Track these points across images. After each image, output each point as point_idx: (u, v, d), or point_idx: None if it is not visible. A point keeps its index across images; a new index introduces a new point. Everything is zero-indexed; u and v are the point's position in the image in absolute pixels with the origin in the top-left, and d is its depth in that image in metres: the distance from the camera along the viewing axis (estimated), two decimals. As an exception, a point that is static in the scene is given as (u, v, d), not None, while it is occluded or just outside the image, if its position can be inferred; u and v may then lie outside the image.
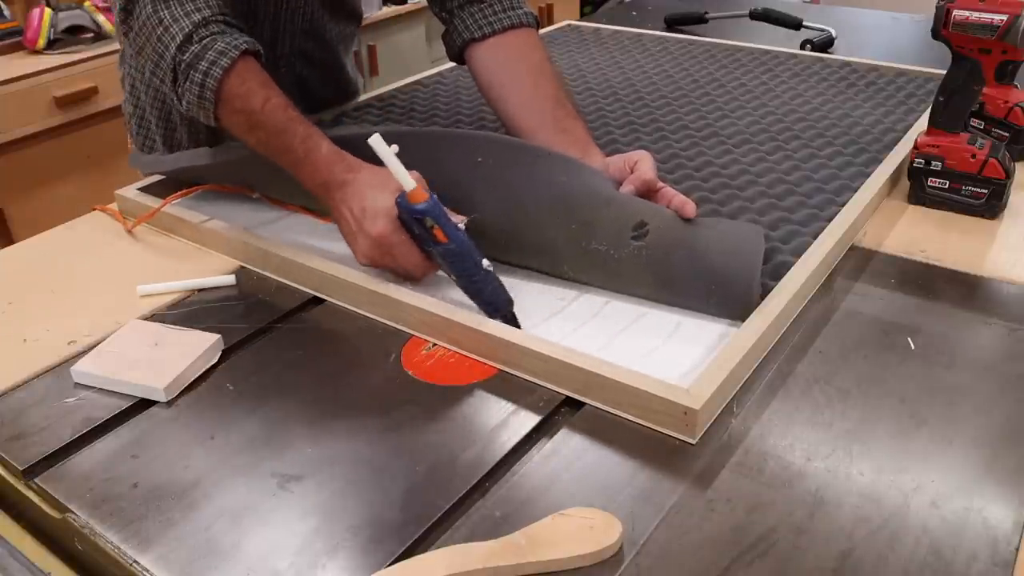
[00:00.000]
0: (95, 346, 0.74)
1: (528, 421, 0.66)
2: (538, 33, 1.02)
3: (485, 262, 0.74)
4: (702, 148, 1.06)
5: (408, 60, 2.79)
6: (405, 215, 0.75)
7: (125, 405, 0.69)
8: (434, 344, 0.75)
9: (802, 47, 1.50)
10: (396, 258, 0.78)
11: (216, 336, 0.74)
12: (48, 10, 2.19)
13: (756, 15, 1.65)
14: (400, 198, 0.75)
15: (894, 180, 0.98)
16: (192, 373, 0.71)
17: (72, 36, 2.22)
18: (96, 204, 1.02)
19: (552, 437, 0.64)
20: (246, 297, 0.84)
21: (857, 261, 0.86)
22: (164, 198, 0.95)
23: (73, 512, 0.59)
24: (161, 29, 0.83)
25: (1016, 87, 1.01)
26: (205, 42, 0.82)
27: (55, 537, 0.63)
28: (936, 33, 0.90)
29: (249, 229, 0.90)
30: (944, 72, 0.92)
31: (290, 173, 0.83)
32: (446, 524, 0.57)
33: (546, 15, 3.24)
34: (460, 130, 1.12)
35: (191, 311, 0.81)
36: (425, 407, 0.68)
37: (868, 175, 0.96)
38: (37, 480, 0.62)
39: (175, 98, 0.85)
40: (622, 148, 1.03)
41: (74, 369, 0.72)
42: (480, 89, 1.02)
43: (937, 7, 0.89)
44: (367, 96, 1.29)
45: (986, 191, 0.91)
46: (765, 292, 0.75)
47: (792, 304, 0.75)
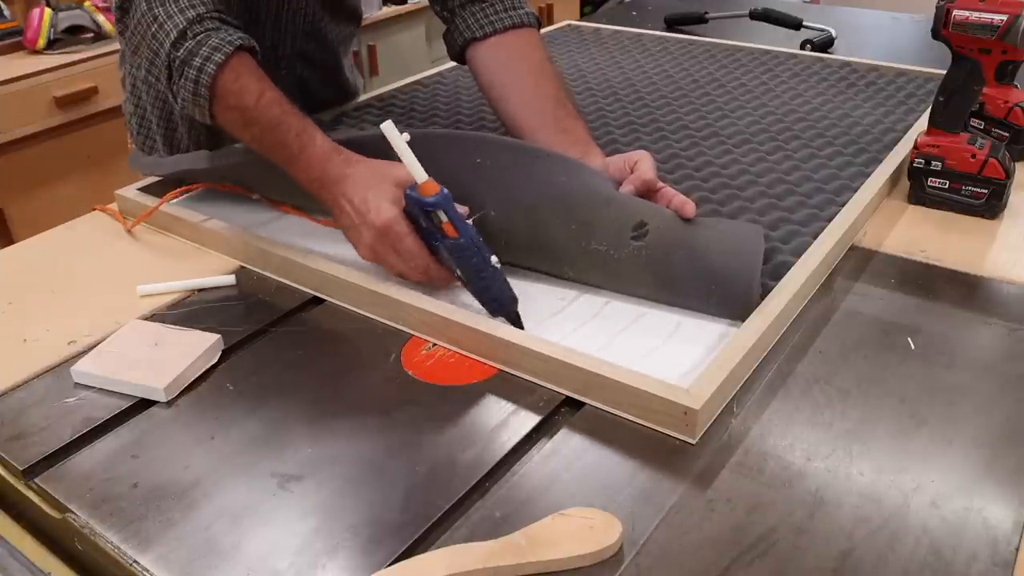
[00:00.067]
0: (95, 346, 0.74)
1: (528, 421, 0.66)
2: (539, 33, 1.02)
3: (493, 258, 0.73)
4: (702, 148, 1.06)
5: (408, 60, 2.79)
6: (414, 208, 0.74)
7: (125, 405, 0.69)
8: (434, 344, 0.75)
9: (802, 47, 1.50)
10: (400, 252, 0.76)
11: (216, 336, 0.74)
12: (48, 10, 2.19)
13: (756, 15, 1.65)
14: (410, 190, 0.73)
15: (894, 180, 0.98)
16: (192, 373, 0.71)
17: (72, 36, 2.22)
18: (96, 204, 1.02)
19: (552, 437, 0.64)
20: (246, 297, 0.84)
21: (857, 261, 0.86)
22: (159, 202, 0.95)
23: (73, 512, 0.59)
24: (156, 26, 0.83)
25: (1016, 87, 1.01)
26: (199, 38, 0.82)
27: (55, 537, 0.63)
28: (936, 33, 0.90)
29: (249, 229, 0.90)
30: (944, 72, 0.92)
31: (285, 171, 0.82)
32: (446, 524, 0.57)
33: (546, 15, 3.23)
34: (460, 131, 1.12)
35: (191, 311, 0.81)
36: (425, 407, 0.68)
37: (868, 175, 0.96)
38: (37, 480, 0.62)
39: (171, 96, 0.85)
40: (622, 148, 1.03)
41: (74, 369, 0.72)
42: (481, 89, 1.02)
43: (937, 7, 0.89)
44: (367, 96, 1.29)
45: (986, 191, 0.91)
46: (765, 292, 0.75)
47: (792, 304, 0.75)
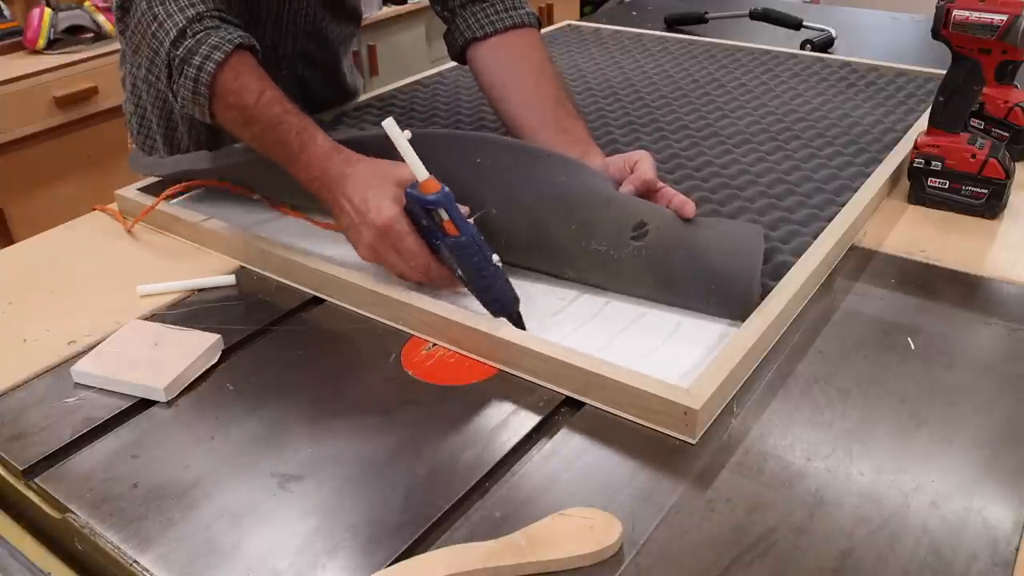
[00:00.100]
0: (95, 346, 0.74)
1: (528, 421, 0.66)
2: (540, 33, 1.02)
3: (495, 257, 0.73)
4: (702, 148, 1.06)
5: (408, 60, 2.79)
6: (415, 206, 0.73)
7: (125, 405, 0.69)
8: (434, 344, 0.75)
9: (802, 47, 1.50)
10: (401, 251, 0.75)
11: (216, 336, 0.74)
12: (48, 10, 2.19)
13: (756, 15, 1.65)
14: (411, 188, 0.73)
15: (894, 180, 0.98)
16: (192, 373, 0.71)
17: (72, 36, 2.22)
18: (96, 204, 1.02)
19: (552, 437, 0.64)
20: (246, 297, 0.84)
21: (857, 261, 0.86)
22: (157, 199, 0.95)
23: (73, 512, 0.59)
24: (156, 25, 0.83)
25: (1016, 87, 1.01)
26: (199, 37, 0.81)
27: (55, 537, 0.63)
28: (936, 33, 0.90)
29: (249, 229, 0.90)
30: (944, 72, 0.92)
31: (286, 170, 0.82)
32: (446, 524, 0.57)
33: (546, 15, 3.23)
34: (459, 131, 1.12)
35: (191, 311, 0.81)
36: (425, 407, 0.68)
37: (868, 175, 0.96)
38: (37, 480, 0.62)
39: (171, 95, 0.85)
40: (622, 148, 1.03)
41: (74, 369, 0.72)
42: (481, 88, 1.02)
43: (937, 7, 0.89)
44: (367, 96, 1.29)
45: (986, 191, 0.91)
46: (765, 292, 0.75)
47: (792, 304, 0.75)
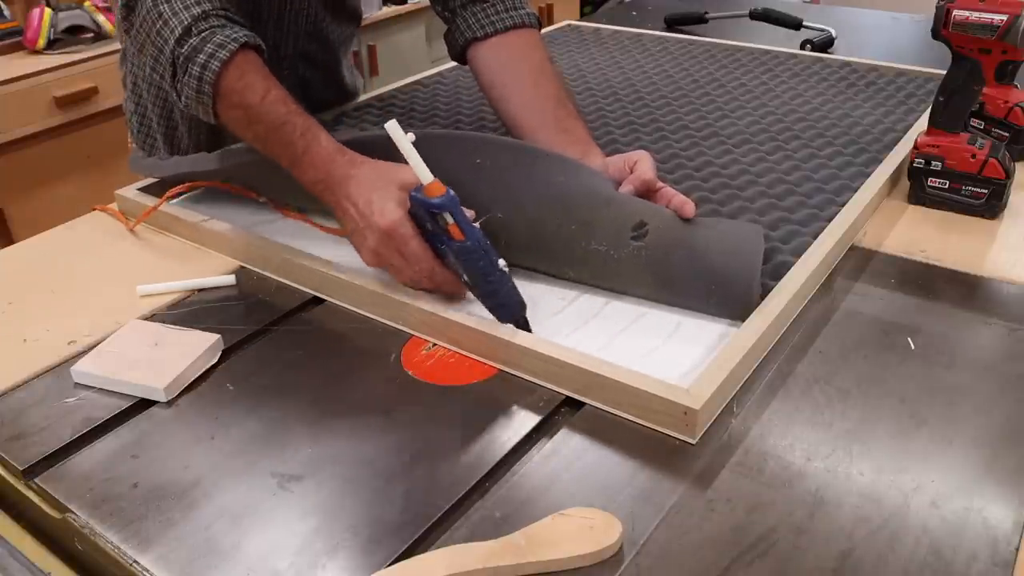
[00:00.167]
0: (95, 346, 0.74)
1: (528, 421, 0.66)
2: (540, 33, 1.02)
3: (501, 262, 0.72)
4: (702, 148, 1.06)
5: (408, 60, 2.79)
6: (420, 210, 0.72)
7: (125, 405, 0.69)
8: (434, 344, 0.75)
9: (802, 47, 1.50)
10: (405, 255, 0.74)
11: (216, 336, 0.74)
12: (48, 10, 2.19)
13: (756, 15, 1.65)
14: (416, 191, 0.72)
15: (894, 180, 0.98)
16: (192, 373, 0.71)
17: (72, 36, 2.22)
18: (96, 204, 1.02)
19: (552, 437, 0.64)
20: (246, 297, 0.84)
21: (857, 261, 0.86)
22: (160, 199, 0.95)
23: (73, 512, 0.59)
24: (160, 23, 0.82)
25: (1016, 87, 1.01)
26: (204, 35, 0.81)
27: (55, 537, 0.63)
28: (936, 33, 0.90)
29: (249, 229, 0.90)
30: (944, 72, 0.92)
31: (289, 172, 0.82)
32: (446, 524, 0.57)
33: (546, 15, 3.24)
34: (459, 131, 1.12)
35: (191, 311, 0.81)
36: (425, 407, 0.68)
37: (868, 175, 0.96)
38: (37, 480, 0.62)
39: (175, 94, 0.84)
40: (622, 148, 1.03)
41: (74, 369, 0.72)
42: (482, 88, 1.02)
43: (937, 7, 0.89)
44: (367, 96, 1.29)
45: (986, 191, 0.91)
46: (765, 292, 0.75)
47: (792, 304, 0.75)
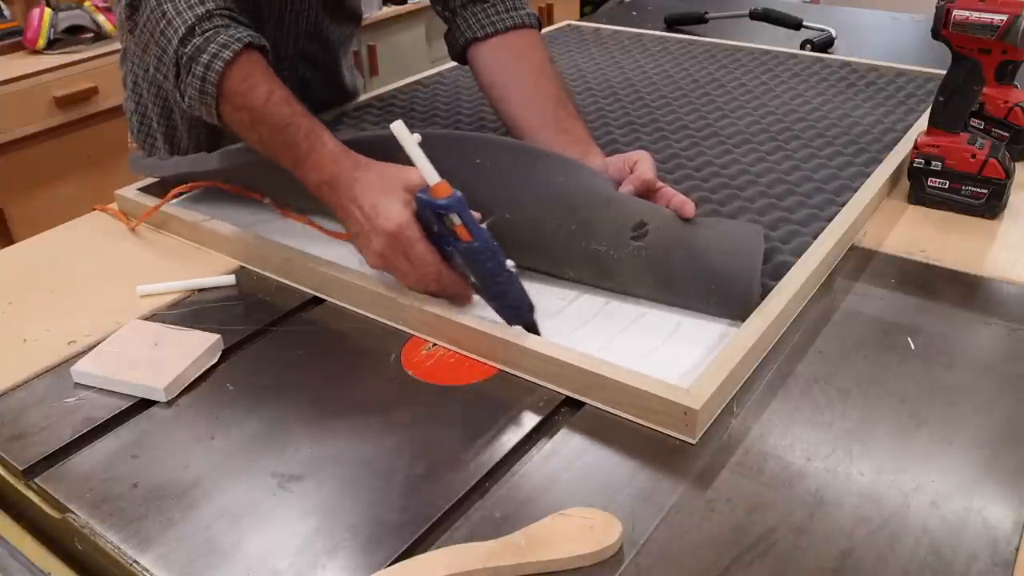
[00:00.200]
0: (95, 346, 0.74)
1: (528, 421, 0.66)
2: (540, 34, 1.02)
3: (509, 263, 0.71)
4: (702, 148, 1.06)
5: (408, 60, 2.79)
6: (426, 211, 0.72)
7: (125, 405, 0.69)
8: (434, 344, 0.75)
9: (802, 47, 1.50)
10: (411, 258, 0.73)
11: (216, 336, 0.74)
12: (48, 10, 2.19)
13: (756, 15, 1.65)
14: (422, 193, 0.71)
15: (894, 180, 0.98)
16: (192, 373, 0.71)
17: (72, 36, 2.22)
18: (96, 204, 1.02)
19: (552, 437, 0.64)
20: (246, 297, 0.84)
21: (857, 261, 0.86)
22: (164, 198, 0.95)
23: (73, 512, 0.59)
24: (164, 23, 0.82)
25: (1016, 87, 1.01)
26: (208, 35, 0.80)
27: (55, 537, 0.63)
28: (936, 33, 0.90)
29: (249, 229, 0.90)
30: (944, 72, 0.92)
31: (292, 174, 0.81)
32: (446, 524, 0.57)
33: (546, 15, 3.24)
34: (459, 131, 1.12)
35: (191, 311, 0.81)
36: (425, 407, 0.68)
37: (868, 175, 0.96)
38: (37, 480, 0.62)
39: (178, 95, 0.84)
40: (622, 148, 1.03)
41: (74, 369, 0.72)
42: (482, 89, 1.02)
43: (937, 7, 0.89)
44: (367, 96, 1.29)
45: (986, 191, 0.91)
46: (765, 292, 0.75)
47: (792, 304, 0.75)
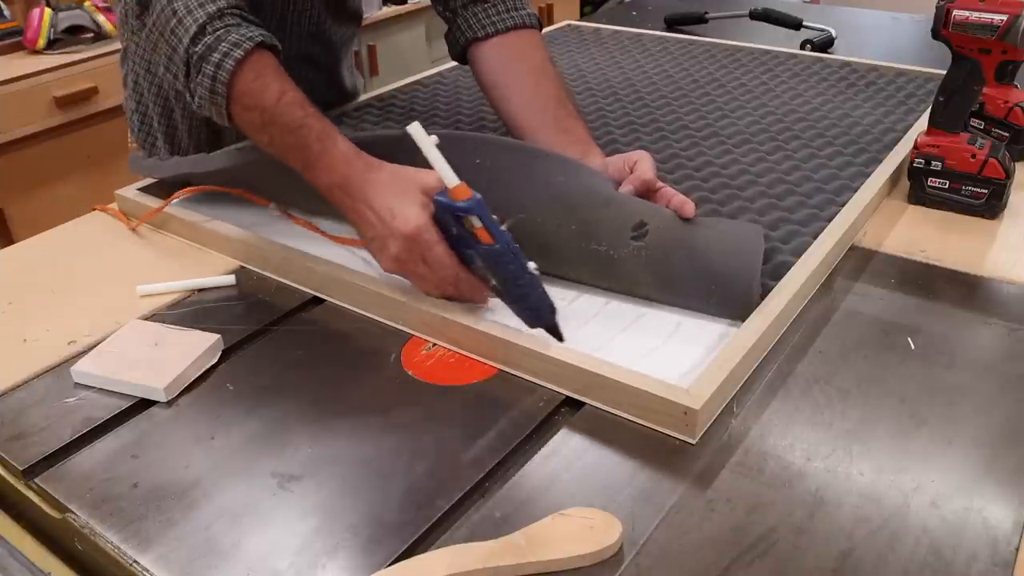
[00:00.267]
0: (95, 346, 0.74)
1: (528, 421, 0.66)
2: (540, 34, 1.02)
3: (531, 264, 0.69)
4: (702, 148, 1.06)
5: (408, 60, 2.79)
6: (444, 214, 0.70)
7: (125, 405, 0.69)
8: (434, 344, 0.75)
9: (802, 47, 1.50)
10: (429, 261, 0.72)
11: (216, 336, 0.74)
12: (48, 10, 2.19)
13: (756, 15, 1.65)
14: (440, 195, 0.70)
15: (894, 180, 0.98)
16: (192, 373, 0.71)
17: (72, 36, 2.22)
18: (96, 204, 1.02)
19: (552, 437, 0.64)
20: (246, 297, 0.84)
21: (857, 261, 0.86)
22: (164, 198, 0.95)
23: (73, 512, 0.59)
24: (175, 21, 0.81)
25: (1016, 87, 1.01)
26: (219, 34, 0.79)
27: (55, 537, 0.63)
28: (936, 33, 0.90)
29: (249, 229, 0.90)
30: (944, 72, 0.92)
31: (297, 174, 0.80)
32: (446, 524, 0.57)
33: (546, 15, 3.24)
34: (459, 132, 1.12)
35: (191, 311, 0.81)
36: (425, 407, 0.68)
37: (868, 175, 0.96)
38: (37, 480, 0.62)
39: (188, 95, 0.83)
40: (622, 148, 1.03)
41: (74, 369, 0.72)
42: (482, 88, 1.02)
43: (937, 7, 0.89)
44: (367, 96, 1.29)
45: (986, 191, 0.91)
46: (765, 292, 0.75)
47: (792, 304, 0.75)
